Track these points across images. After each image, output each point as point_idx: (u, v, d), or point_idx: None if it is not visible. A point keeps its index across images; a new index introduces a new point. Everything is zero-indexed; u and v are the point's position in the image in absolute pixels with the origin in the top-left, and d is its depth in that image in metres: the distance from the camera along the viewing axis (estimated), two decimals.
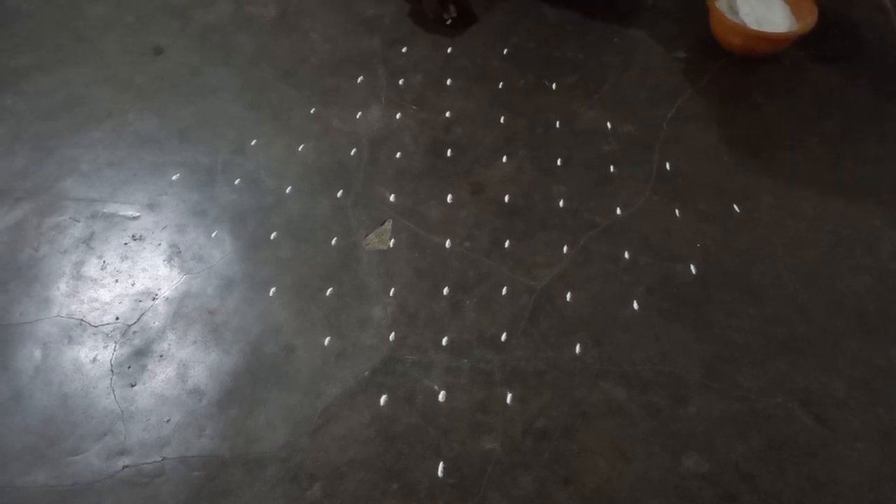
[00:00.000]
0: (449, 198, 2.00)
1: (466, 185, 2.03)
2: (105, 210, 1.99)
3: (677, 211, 1.95)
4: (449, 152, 2.11)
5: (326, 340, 1.72)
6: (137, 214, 1.98)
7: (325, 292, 1.81)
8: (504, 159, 2.09)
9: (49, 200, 2.01)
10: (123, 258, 1.89)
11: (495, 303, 1.78)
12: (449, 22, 2.45)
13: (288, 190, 2.02)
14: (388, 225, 1.94)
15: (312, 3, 2.60)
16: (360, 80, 2.32)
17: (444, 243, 1.90)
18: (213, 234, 1.93)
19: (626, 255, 1.86)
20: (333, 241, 1.91)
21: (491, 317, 1.75)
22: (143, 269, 1.87)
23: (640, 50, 2.40)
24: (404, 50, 2.41)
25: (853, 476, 1.49)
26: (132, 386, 1.66)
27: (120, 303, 1.80)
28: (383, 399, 1.62)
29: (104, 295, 1.82)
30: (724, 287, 1.79)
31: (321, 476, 1.51)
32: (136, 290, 1.82)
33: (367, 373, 1.66)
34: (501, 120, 2.19)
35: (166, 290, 1.82)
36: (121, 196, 2.02)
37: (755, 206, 1.96)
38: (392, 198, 2.00)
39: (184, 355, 1.70)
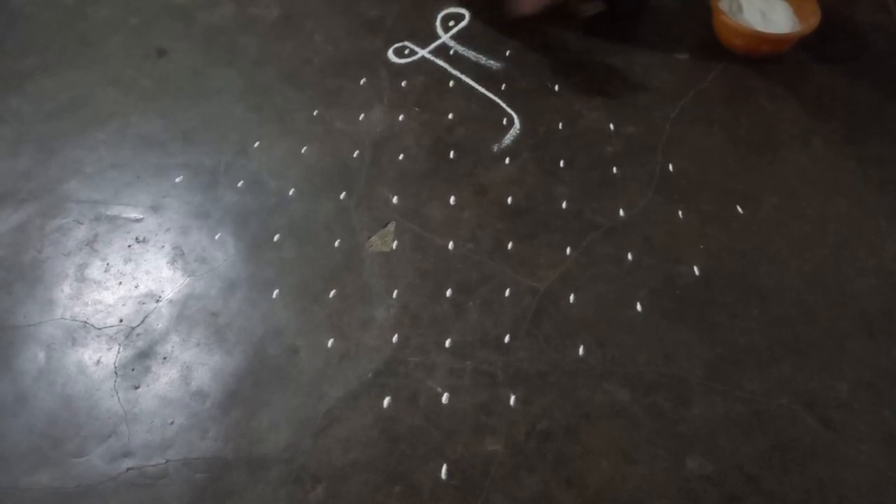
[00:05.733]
0: (452, 199, 2.00)
1: (469, 187, 2.03)
2: (108, 212, 2.00)
3: (680, 212, 1.95)
4: (451, 154, 2.11)
5: (329, 342, 1.72)
6: (141, 216, 1.99)
7: (328, 294, 1.81)
8: (507, 161, 2.09)
9: (53, 202, 2.02)
10: (127, 260, 1.89)
11: (498, 304, 1.77)
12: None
13: (291, 192, 2.03)
14: (391, 227, 1.94)
15: (315, 5, 2.60)
16: (362, 81, 2.33)
17: (447, 245, 1.90)
18: (217, 236, 1.94)
19: (630, 256, 1.86)
20: (336, 243, 1.91)
21: (494, 318, 1.75)
22: (147, 272, 1.87)
23: (643, 51, 2.40)
24: (406, 52, 2.41)
25: (858, 478, 1.48)
26: (136, 388, 1.66)
27: (123, 305, 1.80)
28: (386, 401, 1.62)
29: (108, 297, 1.82)
30: (728, 288, 1.79)
31: (324, 477, 1.51)
32: (140, 293, 1.83)
33: (370, 374, 1.66)
34: (504, 122, 2.19)
35: (170, 293, 1.82)
36: (124, 198, 2.03)
37: (759, 208, 1.95)
38: (395, 199, 2.00)
39: (187, 357, 1.71)
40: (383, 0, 2.60)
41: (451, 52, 2.41)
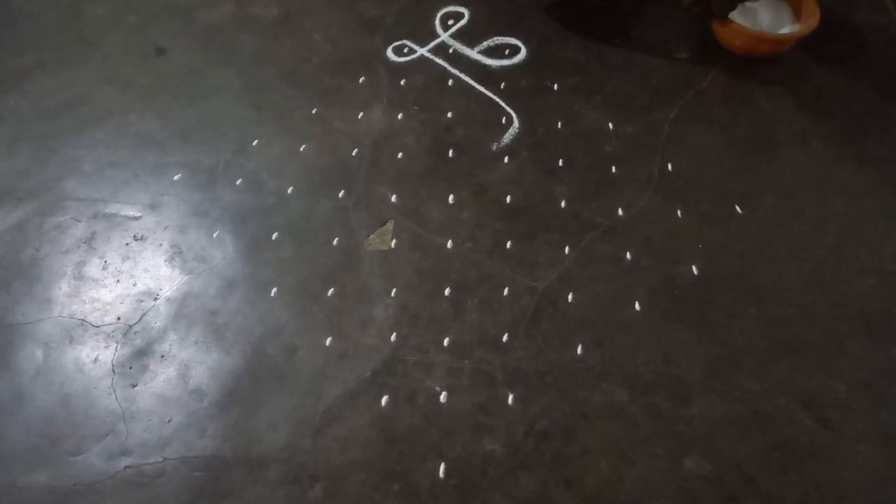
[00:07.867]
0: (450, 198, 2.00)
1: (468, 186, 2.03)
2: (107, 210, 1.99)
3: (679, 212, 1.95)
4: (451, 153, 2.11)
5: (328, 341, 1.72)
6: (139, 215, 1.98)
7: (327, 293, 1.80)
8: (506, 160, 2.09)
9: (51, 200, 2.01)
10: (125, 258, 1.89)
11: (497, 304, 1.77)
12: None
13: (289, 190, 2.02)
14: (390, 225, 1.94)
15: (314, 3, 2.60)
16: (361, 80, 2.32)
17: (446, 244, 1.90)
18: (215, 235, 1.93)
19: (628, 255, 1.86)
20: (335, 242, 1.91)
21: (492, 318, 1.75)
22: (145, 270, 1.87)
23: (642, 51, 2.40)
24: (405, 51, 2.41)
25: (856, 478, 1.48)
26: (133, 386, 1.66)
27: (121, 303, 1.80)
28: (385, 400, 1.62)
29: (106, 295, 1.82)
30: (727, 288, 1.79)
31: (322, 477, 1.51)
32: (138, 291, 1.82)
33: (368, 373, 1.66)
34: (503, 121, 2.19)
35: (168, 291, 1.82)
36: (122, 196, 2.03)
37: (757, 207, 1.95)
38: (394, 198, 2.00)
39: (185, 356, 1.70)
40: None
41: (451, 51, 2.41)
